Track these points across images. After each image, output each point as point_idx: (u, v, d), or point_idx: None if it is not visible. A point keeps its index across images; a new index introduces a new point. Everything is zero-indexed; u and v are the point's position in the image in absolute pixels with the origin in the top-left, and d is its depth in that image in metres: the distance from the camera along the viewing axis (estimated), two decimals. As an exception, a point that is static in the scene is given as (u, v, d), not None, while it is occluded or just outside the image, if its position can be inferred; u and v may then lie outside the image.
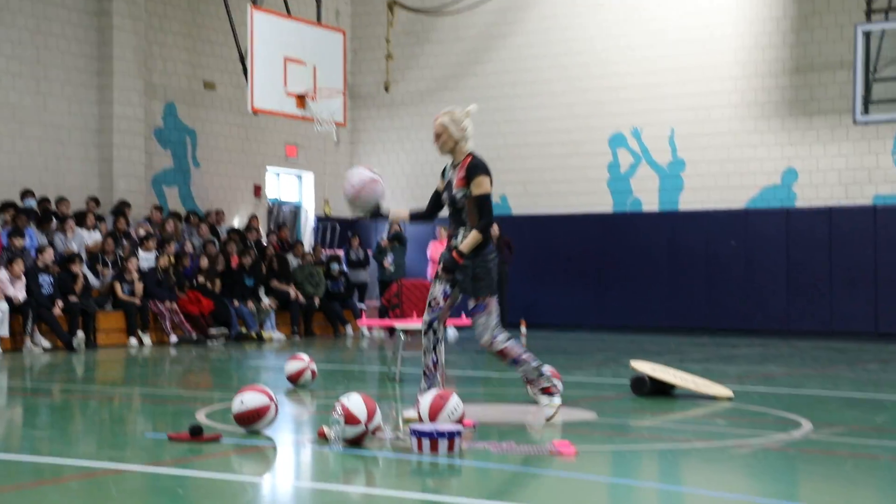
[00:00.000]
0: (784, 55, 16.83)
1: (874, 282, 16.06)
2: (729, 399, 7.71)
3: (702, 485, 4.84)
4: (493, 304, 6.20)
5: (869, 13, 15.07)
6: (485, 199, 6.13)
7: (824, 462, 5.35)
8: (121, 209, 15.38)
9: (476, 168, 6.14)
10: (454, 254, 6.15)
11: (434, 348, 6.27)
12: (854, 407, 7.49)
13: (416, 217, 6.47)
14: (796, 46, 16.77)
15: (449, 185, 6.27)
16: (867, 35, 14.71)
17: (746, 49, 17.05)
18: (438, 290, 6.28)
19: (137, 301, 13.83)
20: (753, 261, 16.90)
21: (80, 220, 14.63)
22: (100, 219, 15.07)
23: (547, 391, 6.35)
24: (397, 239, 17.07)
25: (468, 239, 6.12)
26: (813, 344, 14.65)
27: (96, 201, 15.34)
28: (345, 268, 17.45)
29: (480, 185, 6.12)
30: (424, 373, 6.31)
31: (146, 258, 14.55)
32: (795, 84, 16.73)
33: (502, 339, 6.21)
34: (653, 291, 17.60)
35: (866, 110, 14.77)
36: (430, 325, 6.26)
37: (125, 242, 14.74)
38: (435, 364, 6.29)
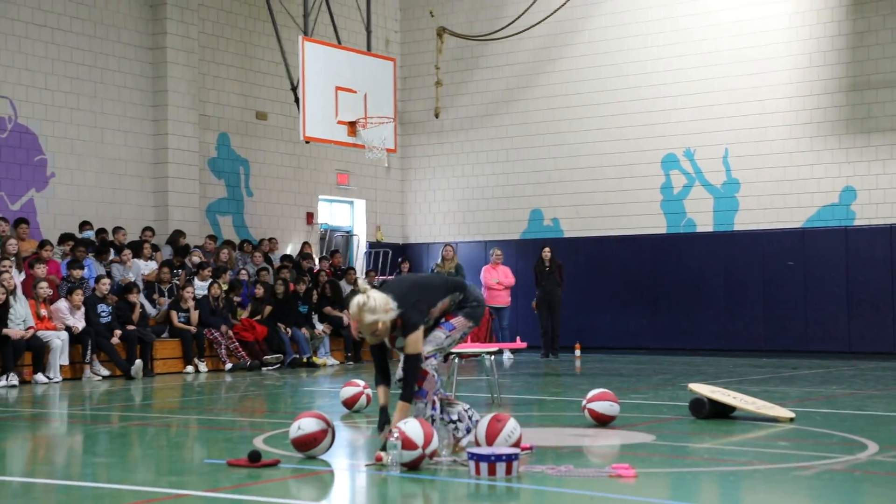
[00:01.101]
0: (839, 73, 16.62)
1: (937, 301, 15.71)
2: (790, 420, 7.56)
3: (766, 508, 4.74)
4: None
5: (925, 28, 14.84)
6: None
7: (892, 484, 5.21)
8: (177, 239, 15.59)
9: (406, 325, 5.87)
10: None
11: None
12: (921, 428, 7.30)
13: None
14: (852, 64, 16.55)
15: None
16: (924, 50, 14.47)
17: (801, 68, 16.87)
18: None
19: (193, 329, 13.97)
20: (812, 281, 16.63)
21: (137, 250, 14.84)
22: (156, 248, 15.28)
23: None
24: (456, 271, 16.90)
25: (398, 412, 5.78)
26: (875, 364, 14.34)
27: (152, 230, 15.56)
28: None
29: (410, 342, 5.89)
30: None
31: (202, 287, 14.70)
32: (852, 101, 16.51)
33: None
34: (709, 313, 17.38)
35: (925, 126, 14.50)
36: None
37: (181, 271, 14.92)
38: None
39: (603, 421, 7.33)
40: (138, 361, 12.84)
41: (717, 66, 17.50)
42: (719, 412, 7.77)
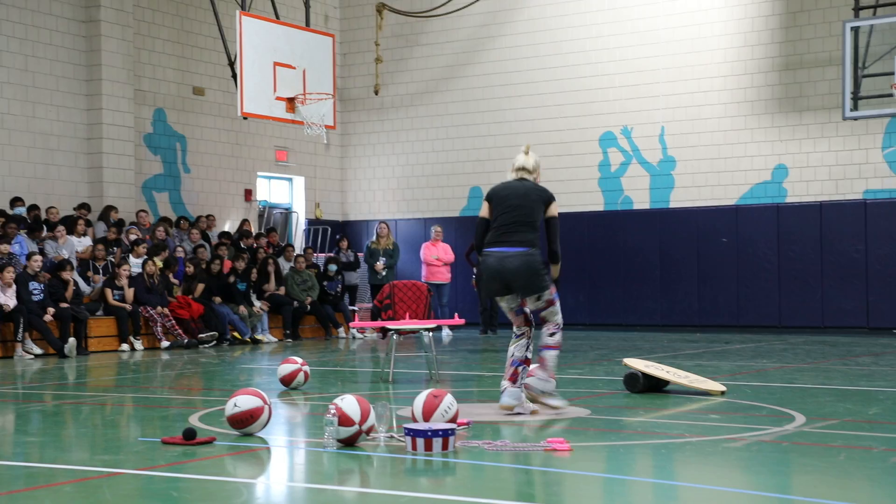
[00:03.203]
0: (773, 53, 16.88)
1: (865, 276, 16.12)
2: (722, 394, 7.72)
3: (696, 479, 4.85)
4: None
5: (857, 9, 15.12)
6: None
7: (818, 454, 5.36)
8: (110, 215, 15.36)
9: None
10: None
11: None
12: (846, 399, 7.51)
13: None
14: (785, 44, 16.82)
15: None
16: (855, 31, 14.76)
17: (735, 48, 17.10)
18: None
19: (128, 306, 13.81)
20: (745, 257, 16.94)
21: (70, 227, 14.60)
22: (89, 223, 15.05)
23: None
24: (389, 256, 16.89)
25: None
26: (805, 338, 14.69)
27: (87, 207, 15.31)
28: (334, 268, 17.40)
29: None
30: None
31: (137, 264, 14.52)
32: (785, 81, 16.79)
33: None
34: (645, 289, 17.63)
35: (855, 106, 14.81)
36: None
37: (116, 248, 14.72)
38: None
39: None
40: (72, 340, 12.66)
41: (654, 45, 17.67)
42: (653, 386, 7.91)
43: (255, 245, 16.84)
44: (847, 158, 16.37)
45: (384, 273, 16.68)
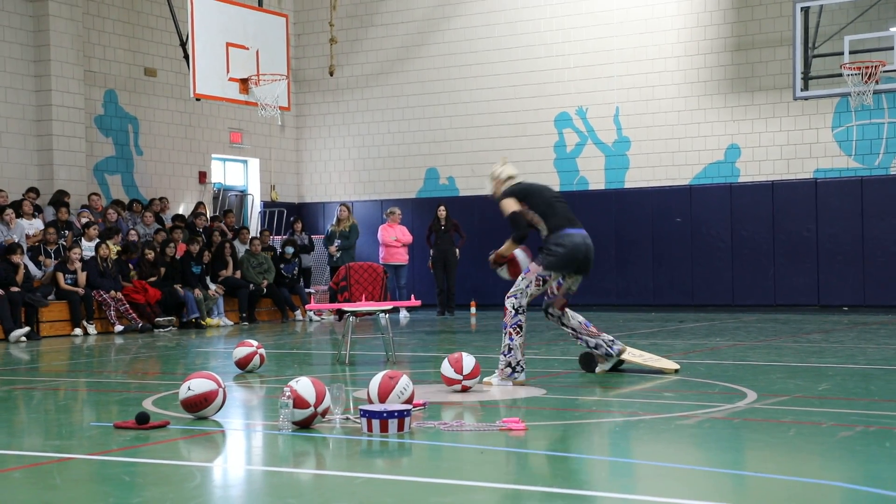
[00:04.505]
0: (725, 33, 17.01)
1: (815, 255, 16.35)
2: (675, 372, 7.81)
3: (649, 456, 4.90)
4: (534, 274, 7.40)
5: (807, -10, 15.25)
6: (510, 217, 7.47)
7: (769, 430, 5.44)
8: (61, 199, 15.14)
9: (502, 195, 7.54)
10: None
11: (561, 322, 7.69)
12: (797, 376, 7.62)
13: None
14: (737, 24, 16.95)
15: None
16: (805, 11, 14.90)
17: (688, 28, 17.20)
18: (553, 284, 7.50)
19: (80, 291, 13.64)
20: (699, 236, 17.11)
21: (19, 210, 14.38)
22: (39, 209, 14.83)
23: (509, 368, 7.22)
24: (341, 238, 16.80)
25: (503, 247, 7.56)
26: (757, 317, 14.88)
27: (36, 191, 15.08)
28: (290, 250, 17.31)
29: (503, 207, 7.49)
30: (577, 335, 7.65)
31: (89, 248, 14.34)
32: (737, 62, 16.93)
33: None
34: (600, 269, 17.73)
35: (806, 86, 14.98)
36: (545, 310, 7.71)
37: (67, 232, 14.52)
38: (579, 327, 7.67)
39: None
40: (18, 331, 12.46)
41: (608, 25, 17.73)
42: (608, 365, 7.96)
43: (210, 227, 16.69)
44: (798, 138, 16.57)
45: (338, 255, 16.62)
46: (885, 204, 15.95)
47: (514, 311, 7.30)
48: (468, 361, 6.84)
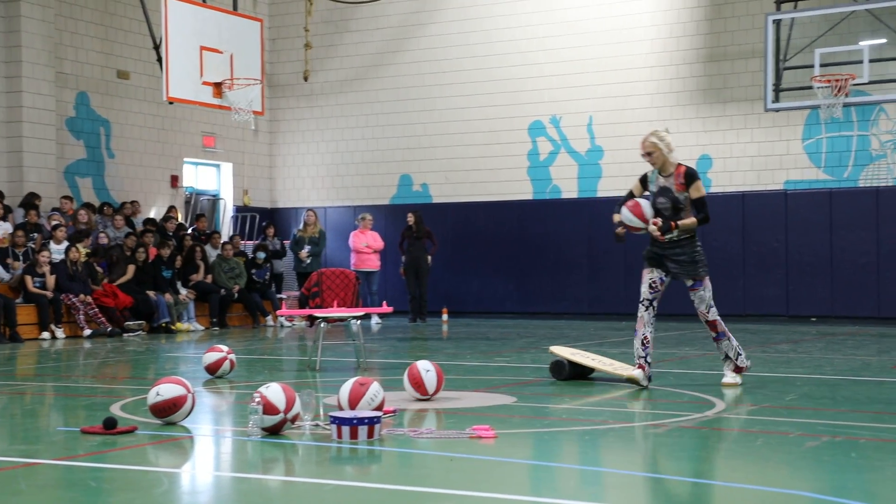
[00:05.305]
0: (698, 44, 17.14)
1: (785, 265, 16.49)
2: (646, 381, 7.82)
3: (619, 465, 4.92)
4: (708, 282, 7.66)
5: (779, 2, 15.41)
6: (705, 199, 7.55)
7: (737, 440, 5.47)
8: (31, 201, 15.01)
9: (693, 175, 7.54)
10: (672, 223, 7.50)
11: (651, 323, 7.64)
12: (765, 386, 7.68)
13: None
14: (710, 35, 17.09)
15: (663, 190, 7.57)
16: (777, 24, 15.04)
17: (662, 39, 17.32)
18: (656, 276, 7.66)
19: (49, 294, 13.52)
20: (670, 247, 17.17)
21: (-11, 212, 14.25)
22: (9, 210, 14.69)
23: (738, 370, 7.58)
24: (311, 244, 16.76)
25: (687, 221, 7.49)
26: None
27: (2, 194, 14.94)
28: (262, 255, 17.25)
29: (700, 188, 7.51)
30: (643, 343, 7.54)
31: (58, 251, 14.22)
32: (709, 73, 17.06)
33: (714, 313, 7.67)
34: (572, 277, 17.80)
35: (777, 98, 15.11)
36: (650, 302, 7.66)
37: (36, 235, 14.39)
38: (649, 336, 7.62)
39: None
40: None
41: (583, 34, 17.81)
42: (579, 374, 8.00)
43: (182, 233, 16.60)
44: (769, 149, 16.71)
45: (308, 261, 16.57)
46: (854, 216, 16.12)
47: (718, 318, 7.74)
48: (429, 380, 6.73)
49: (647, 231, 7.58)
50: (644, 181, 7.80)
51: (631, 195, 7.76)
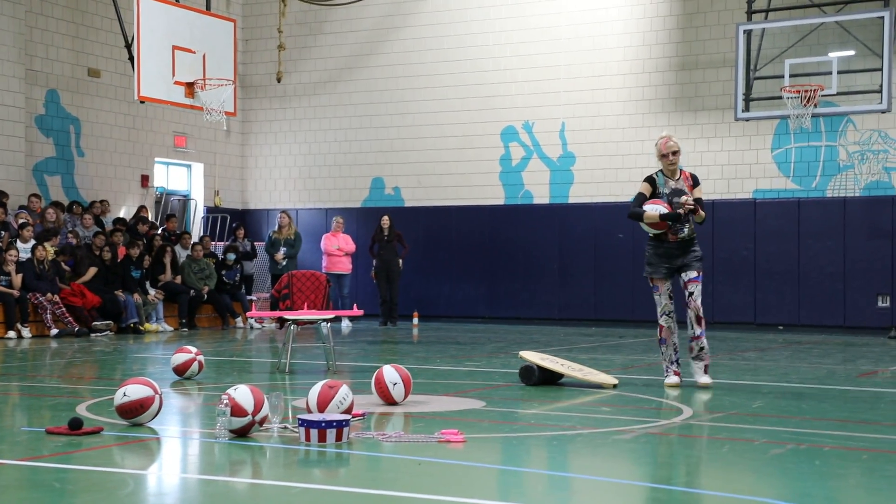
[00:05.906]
0: (670, 53, 17.25)
1: (753, 273, 16.62)
2: (614, 387, 7.88)
3: (586, 470, 4.94)
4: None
5: (750, 13, 15.54)
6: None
7: (703, 446, 5.51)
8: (-1, 198, 14.87)
9: (697, 177, 8.09)
10: (699, 209, 7.82)
11: (676, 331, 8.30)
12: (732, 394, 7.74)
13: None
14: (681, 44, 17.21)
15: (677, 192, 7.89)
16: (748, 34, 15.17)
17: (634, 46, 17.42)
18: (671, 286, 8.25)
19: (15, 293, 13.39)
20: (640, 253, 17.22)
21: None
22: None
23: (706, 370, 8.02)
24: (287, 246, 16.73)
25: (702, 213, 7.87)
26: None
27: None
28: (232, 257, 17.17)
29: (702, 190, 8.03)
30: (675, 349, 8.24)
31: (26, 249, 14.08)
32: (681, 81, 17.18)
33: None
34: (543, 283, 17.85)
35: (747, 107, 15.24)
36: (672, 312, 8.34)
37: (3, 233, 14.25)
38: (677, 344, 8.24)
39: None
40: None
41: (556, 41, 17.88)
42: (548, 379, 8.02)
43: (150, 233, 16.49)
44: (738, 158, 16.85)
45: (284, 263, 16.54)
46: (821, 225, 16.28)
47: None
48: (397, 393, 6.71)
49: (679, 216, 7.81)
50: (652, 182, 8.02)
51: (642, 196, 7.95)
